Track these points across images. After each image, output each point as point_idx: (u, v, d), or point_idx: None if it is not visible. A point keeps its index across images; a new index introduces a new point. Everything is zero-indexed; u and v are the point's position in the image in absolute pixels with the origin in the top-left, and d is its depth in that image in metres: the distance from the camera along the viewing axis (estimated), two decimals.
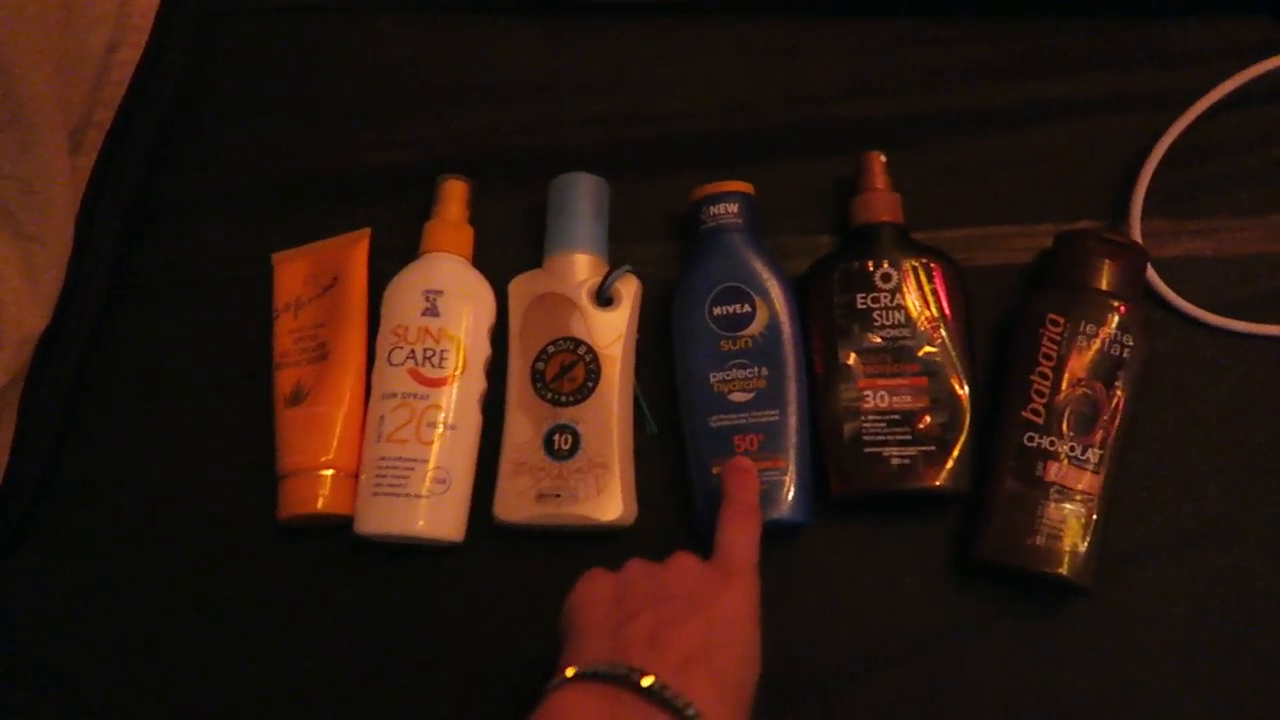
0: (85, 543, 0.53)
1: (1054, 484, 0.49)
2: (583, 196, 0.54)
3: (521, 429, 0.51)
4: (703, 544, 0.51)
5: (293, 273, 0.56)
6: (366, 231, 0.56)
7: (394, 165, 0.59)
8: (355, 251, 0.55)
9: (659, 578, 0.42)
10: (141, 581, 0.52)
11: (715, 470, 0.50)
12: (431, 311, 0.53)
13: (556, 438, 0.50)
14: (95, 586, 0.52)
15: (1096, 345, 0.50)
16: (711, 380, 0.51)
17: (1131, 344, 0.50)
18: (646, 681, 0.36)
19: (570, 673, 0.37)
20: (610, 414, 0.50)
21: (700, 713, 0.35)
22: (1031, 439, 0.49)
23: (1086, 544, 0.48)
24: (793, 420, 0.50)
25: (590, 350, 0.51)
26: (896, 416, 0.50)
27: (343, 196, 0.59)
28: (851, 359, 0.51)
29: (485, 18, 0.62)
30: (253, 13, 0.62)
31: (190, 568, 0.52)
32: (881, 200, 0.53)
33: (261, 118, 0.61)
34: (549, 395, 0.51)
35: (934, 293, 0.51)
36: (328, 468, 0.51)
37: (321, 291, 0.55)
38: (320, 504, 0.51)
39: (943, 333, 0.51)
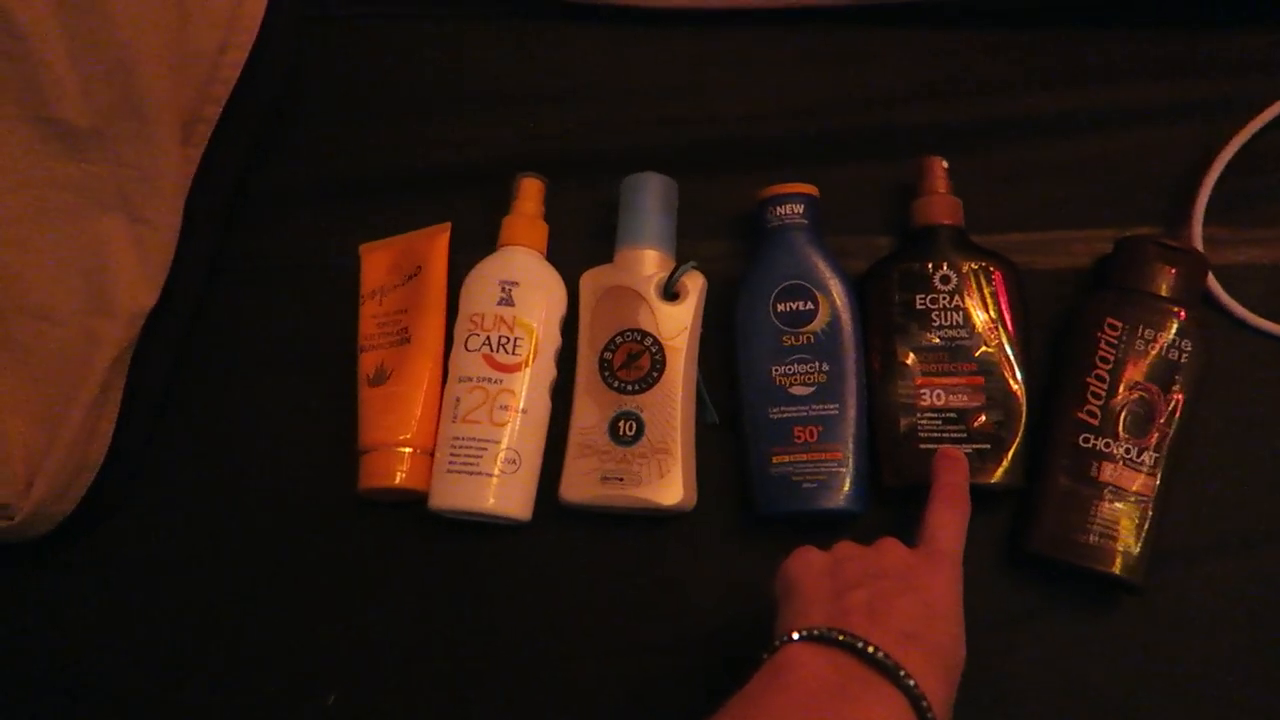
0: (179, 507, 0.56)
1: (1108, 484, 0.49)
2: (652, 195, 0.56)
3: (588, 414, 0.54)
4: (761, 529, 0.53)
5: (377, 262, 0.59)
6: (448, 225, 0.59)
7: (473, 163, 0.62)
8: (437, 243, 0.58)
9: (870, 557, 0.44)
10: (229, 545, 0.55)
11: (775, 460, 0.51)
12: (507, 301, 0.55)
13: (621, 424, 0.53)
14: (187, 549, 0.55)
15: (1155, 350, 0.51)
16: (773, 373, 0.53)
17: (1189, 349, 0.51)
18: (870, 649, 0.37)
19: (796, 635, 0.39)
20: (673, 402, 0.53)
21: (917, 683, 0.37)
22: (1086, 439, 0.50)
23: (1140, 544, 0.49)
24: (851, 414, 0.52)
25: (656, 341, 0.54)
26: (952, 414, 0.51)
27: (424, 191, 0.62)
28: (909, 357, 0.52)
29: (560, 24, 0.64)
30: (345, 19, 0.65)
31: (274, 534, 0.55)
32: (942, 203, 0.55)
33: (351, 117, 0.64)
34: (615, 383, 0.53)
35: (992, 295, 0.52)
36: (406, 445, 0.54)
37: (405, 280, 0.58)
38: (398, 479, 0.53)
39: (1000, 334, 0.52)
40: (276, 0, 0.55)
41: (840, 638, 0.38)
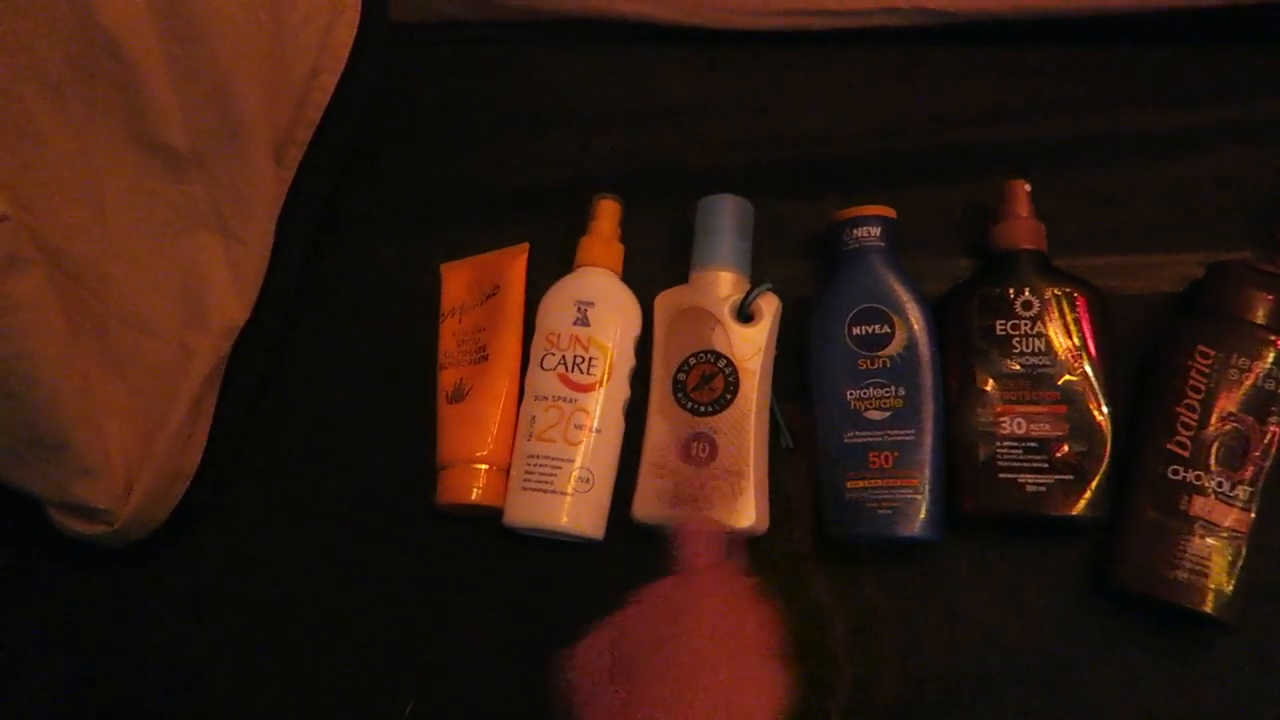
0: (265, 516, 0.58)
1: (1199, 518, 0.48)
2: (728, 216, 0.56)
3: (661, 435, 0.54)
4: (833, 554, 0.53)
5: (457, 281, 0.61)
6: (525, 245, 0.60)
7: (550, 184, 0.63)
8: (515, 263, 0.59)
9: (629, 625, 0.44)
10: (312, 554, 0.57)
11: (850, 485, 0.51)
12: (582, 321, 0.56)
13: (694, 445, 0.53)
14: (272, 556, 0.57)
15: (1250, 379, 0.49)
16: (848, 397, 0.52)
17: None
18: None
19: None
20: (746, 425, 0.52)
21: None
22: (1175, 471, 0.49)
23: (1233, 582, 0.47)
24: (928, 439, 0.51)
25: (730, 363, 0.54)
26: (1033, 443, 0.50)
27: (504, 212, 0.63)
28: (989, 384, 0.51)
29: (637, 46, 0.65)
30: (429, 45, 0.67)
31: (355, 545, 0.57)
32: (1024, 227, 0.54)
33: (433, 139, 0.66)
34: (689, 404, 0.54)
35: (1075, 321, 0.51)
36: (482, 461, 0.55)
37: (483, 299, 0.59)
38: (474, 495, 0.54)
39: (1084, 362, 0.51)
40: (366, 27, 0.57)
41: None
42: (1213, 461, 0.48)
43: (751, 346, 0.54)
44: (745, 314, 0.54)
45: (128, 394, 0.52)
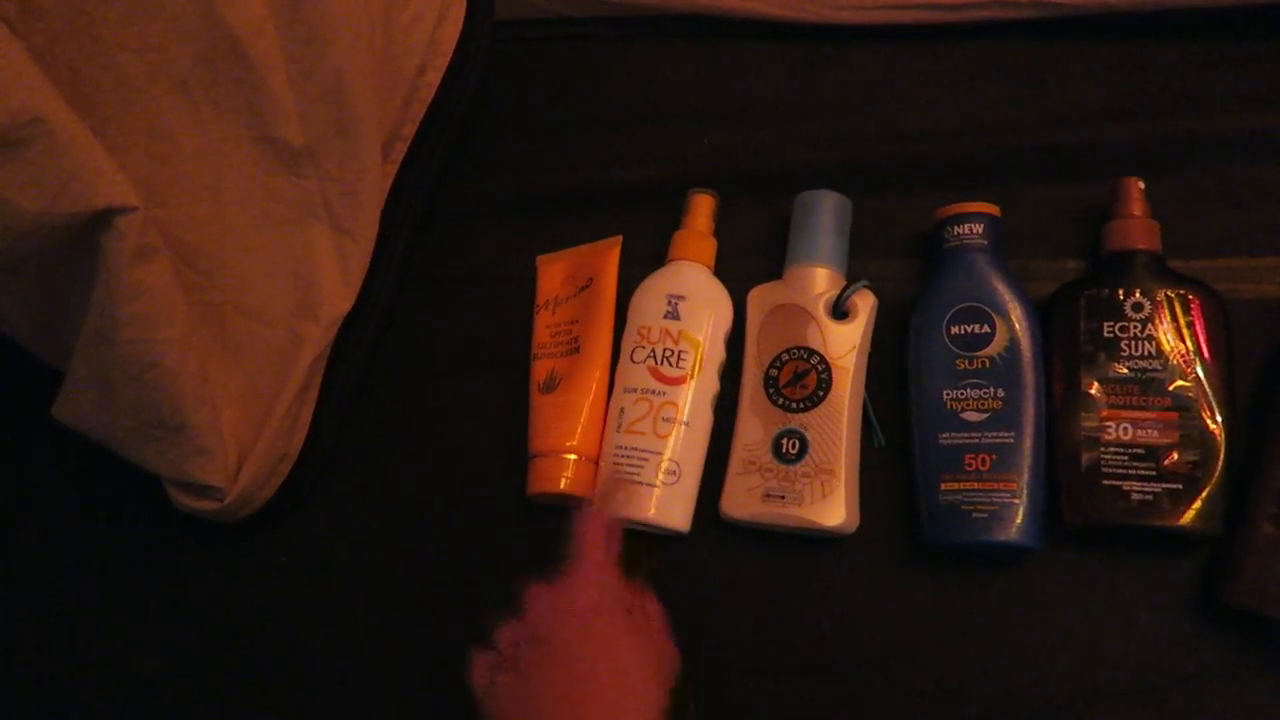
0: (363, 499, 0.60)
1: None
2: (825, 212, 0.56)
3: (752, 431, 0.54)
4: (927, 557, 0.52)
5: (553, 273, 0.62)
6: (619, 239, 0.60)
7: (646, 179, 0.63)
8: (609, 256, 0.60)
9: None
10: (406, 540, 0.59)
11: (944, 487, 0.50)
12: (673, 315, 0.56)
13: (785, 442, 0.53)
14: (368, 538, 0.59)
15: None
16: (945, 397, 0.51)
17: None
18: None
19: None
20: (839, 423, 0.52)
21: None
22: None
23: None
24: (1028, 443, 0.49)
25: (823, 360, 0.53)
26: (1140, 450, 0.48)
27: (600, 206, 0.63)
28: (1094, 388, 0.50)
29: (736, 42, 0.65)
30: (529, 40, 0.69)
31: (446, 531, 0.58)
32: (1136, 227, 0.52)
33: (532, 134, 0.67)
34: (780, 401, 0.53)
35: (1189, 325, 0.49)
36: (572, 452, 0.55)
37: (577, 291, 0.60)
38: (563, 484, 0.55)
39: (1197, 367, 0.49)
40: (471, 24, 0.58)
41: None
42: None
43: (845, 344, 0.53)
44: (840, 311, 0.54)
45: (241, 378, 0.55)
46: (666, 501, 0.54)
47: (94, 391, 0.51)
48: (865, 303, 0.54)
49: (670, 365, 0.55)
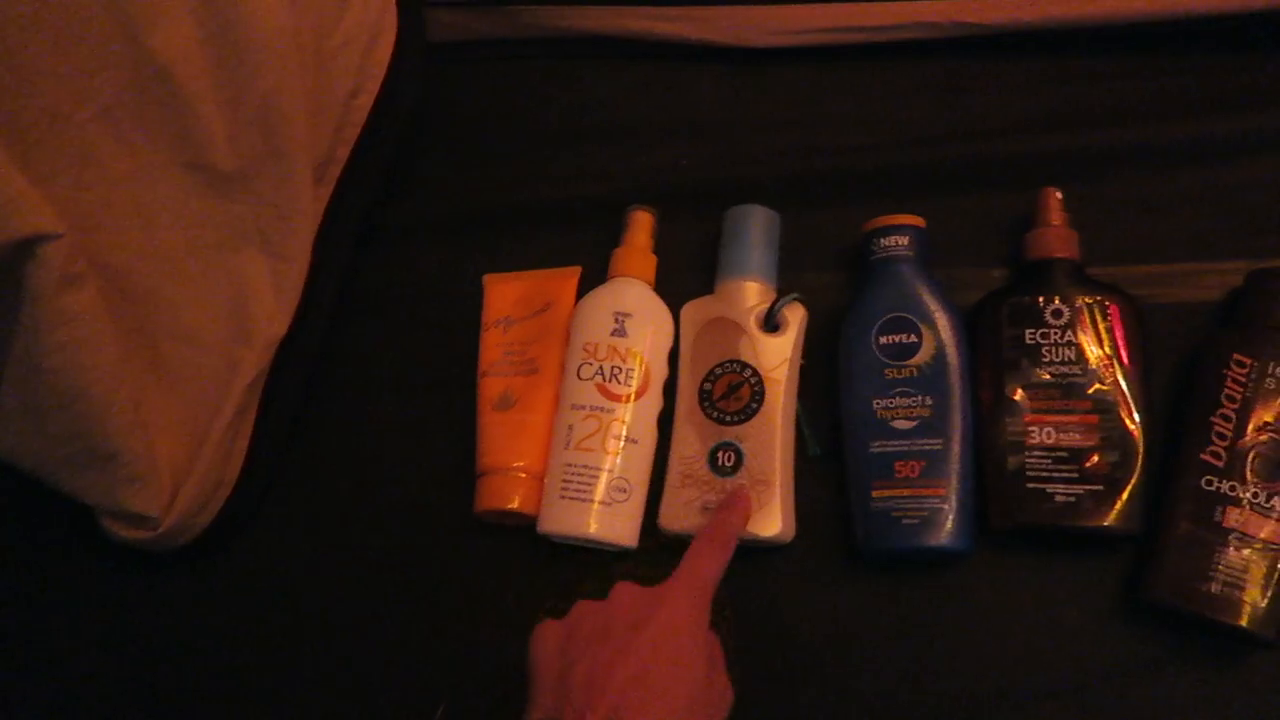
0: (307, 522, 0.59)
1: (1233, 530, 0.47)
2: (754, 227, 0.57)
3: (688, 444, 0.54)
4: (861, 564, 0.53)
5: (503, 294, 0.61)
6: (579, 269, 0.60)
7: (584, 196, 0.64)
8: (568, 284, 0.60)
9: (600, 614, 0.43)
10: (351, 560, 0.58)
11: (876, 494, 0.51)
12: (620, 332, 0.56)
13: (720, 454, 0.53)
14: (313, 562, 0.59)
15: None
16: (875, 406, 0.52)
17: None
18: None
19: None
20: (773, 434, 0.53)
21: None
22: (1210, 482, 0.48)
23: (1269, 595, 0.46)
24: (956, 449, 0.51)
25: (756, 373, 0.54)
26: (1064, 453, 0.49)
27: (539, 224, 0.64)
28: (1018, 394, 0.51)
29: (671, 63, 0.66)
30: (468, 61, 0.69)
31: (393, 551, 0.58)
32: (1055, 236, 0.53)
33: (474, 153, 0.67)
34: (715, 414, 0.54)
35: (1109, 330, 0.51)
36: (523, 471, 0.55)
37: (534, 313, 0.60)
38: (516, 503, 0.55)
39: (1116, 371, 0.50)
40: (402, 47, 0.59)
41: None
42: (1249, 473, 0.47)
43: (778, 356, 0.54)
44: (771, 324, 0.55)
45: (176, 404, 0.55)
46: (615, 518, 0.54)
47: (23, 421, 0.50)
48: (796, 315, 0.55)
49: (618, 382, 0.56)
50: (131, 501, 0.52)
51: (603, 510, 0.54)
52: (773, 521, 0.52)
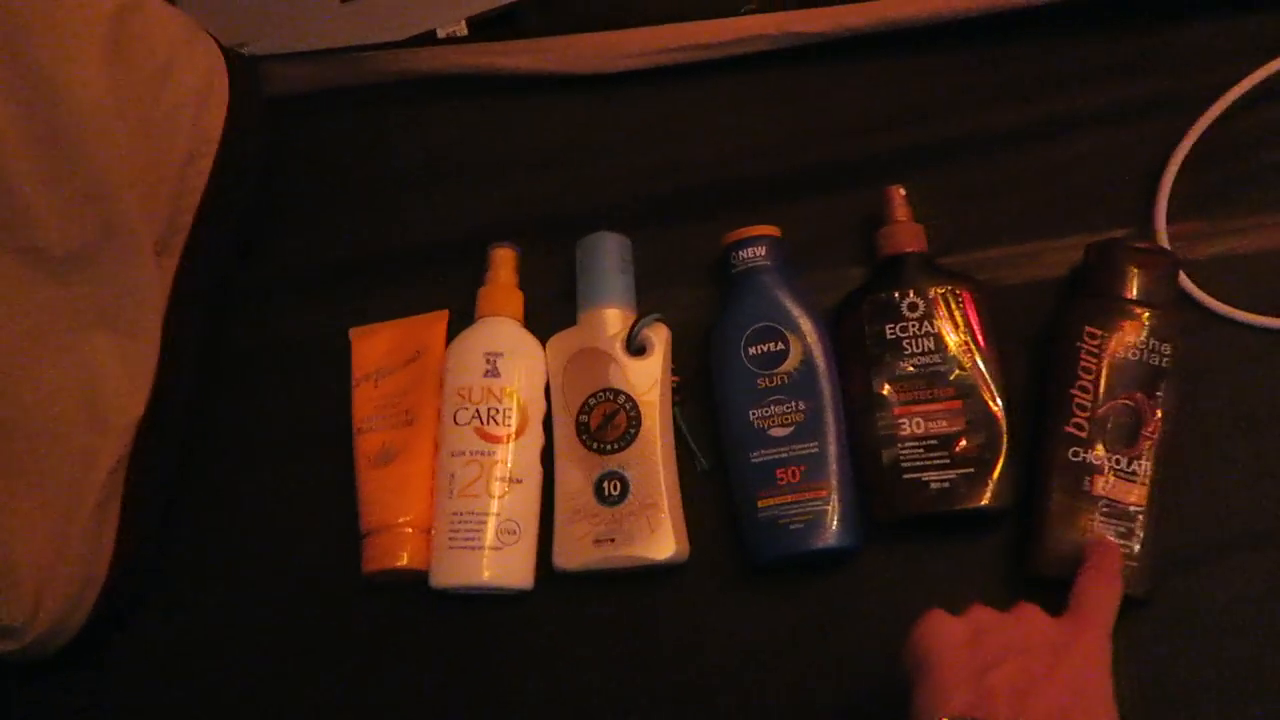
0: (195, 600, 0.57)
1: (1102, 498, 0.49)
2: (607, 254, 0.57)
3: (572, 479, 0.54)
4: (754, 577, 0.53)
5: (370, 346, 0.60)
6: (445, 312, 0.59)
7: (443, 238, 0.63)
8: (436, 329, 0.59)
9: (1012, 628, 0.42)
10: (243, 633, 0.57)
11: (761, 504, 0.51)
12: (493, 372, 0.56)
13: (606, 484, 0.53)
14: (204, 639, 0.57)
15: (1135, 355, 0.50)
16: (751, 417, 0.53)
17: (1169, 352, 0.50)
18: None
19: None
20: (654, 457, 0.53)
21: None
22: (1076, 454, 0.49)
23: (1139, 555, 0.48)
24: (832, 449, 0.51)
25: (629, 399, 0.54)
26: (934, 441, 0.51)
27: (406, 268, 0.63)
28: (886, 388, 0.52)
29: (515, 96, 0.65)
30: (314, 112, 0.67)
31: (284, 619, 0.56)
32: (904, 232, 0.55)
33: (325, 205, 0.66)
34: (594, 445, 0.54)
35: (963, 317, 0.52)
36: (409, 525, 0.54)
37: (404, 363, 0.58)
38: (405, 559, 0.54)
39: (974, 355, 0.51)
40: (236, 107, 0.57)
41: None
42: (1109, 440, 0.49)
43: (648, 378, 0.54)
44: (635, 347, 0.55)
45: (31, 505, 0.52)
46: (507, 562, 0.53)
47: None
48: (660, 336, 0.55)
49: (496, 423, 0.55)
50: None
51: (494, 555, 0.53)
52: (665, 544, 0.52)
